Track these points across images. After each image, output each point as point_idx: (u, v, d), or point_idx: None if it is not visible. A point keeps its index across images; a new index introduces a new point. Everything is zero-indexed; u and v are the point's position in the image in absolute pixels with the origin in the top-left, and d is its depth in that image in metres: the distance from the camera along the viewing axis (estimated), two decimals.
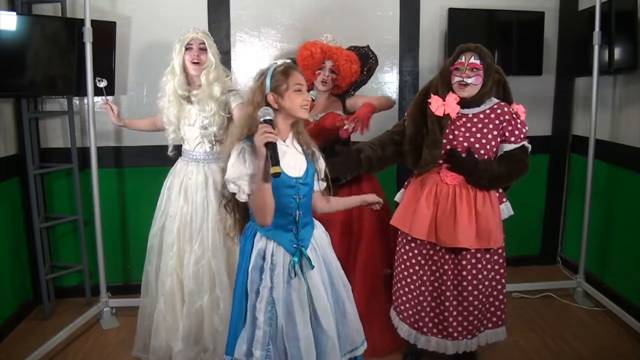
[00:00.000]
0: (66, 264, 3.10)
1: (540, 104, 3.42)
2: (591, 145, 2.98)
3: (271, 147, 1.56)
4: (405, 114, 2.31)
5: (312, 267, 1.69)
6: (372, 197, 1.96)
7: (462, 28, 3.08)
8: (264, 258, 1.69)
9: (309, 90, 1.85)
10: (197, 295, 2.30)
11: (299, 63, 2.59)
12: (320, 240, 1.78)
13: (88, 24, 2.58)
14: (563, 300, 3.05)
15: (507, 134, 2.12)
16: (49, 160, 2.98)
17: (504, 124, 2.12)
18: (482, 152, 2.11)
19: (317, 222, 1.82)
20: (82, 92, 2.70)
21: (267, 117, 1.61)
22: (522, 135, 2.14)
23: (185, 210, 2.33)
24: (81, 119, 3.01)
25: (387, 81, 3.24)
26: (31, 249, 2.95)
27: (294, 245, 1.70)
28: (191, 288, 2.29)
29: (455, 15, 3.10)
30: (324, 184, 1.82)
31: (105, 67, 2.80)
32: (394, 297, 2.35)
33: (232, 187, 1.67)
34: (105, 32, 2.76)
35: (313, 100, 2.12)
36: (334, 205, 1.91)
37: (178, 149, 2.48)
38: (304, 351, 1.66)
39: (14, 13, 2.56)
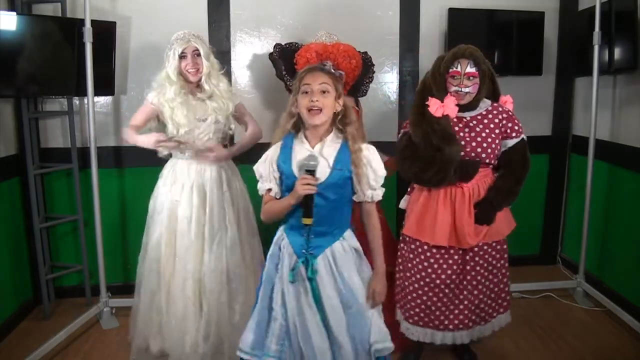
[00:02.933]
0: (66, 264, 3.10)
1: (540, 104, 3.42)
2: (591, 145, 2.98)
3: (308, 199, 1.59)
4: (404, 126, 2.25)
5: (312, 274, 1.65)
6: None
7: (462, 28, 3.09)
8: (280, 248, 1.74)
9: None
10: (217, 293, 2.30)
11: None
12: (339, 254, 1.69)
13: (88, 24, 2.58)
14: (563, 300, 3.05)
15: (508, 130, 2.15)
16: (49, 160, 2.98)
17: (504, 121, 2.14)
18: (488, 151, 2.11)
19: (348, 235, 1.74)
20: (82, 92, 2.70)
21: (310, 168, 1.59)
22: (520, 130, 2.17)
23: (202, 210, 2.31)
24: (81, 119, 3.01)
25: (387, 81, 3.23)
26: (31, 249, 2.95)
27: (303, 251, 1.68)
28: (211, 286, 2.29)
29: (455, 15, 3.10)
30: (372, 194, 1.69)
31: (105, 67, 2.81)
32: (399, 305, 2.31)
33: (257, 178, 1.76)
34: (105, 32, 2.76)
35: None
36: (370, 240, 1.77)
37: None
38: (319, 354, 1.65)
39: (14, 13, 2.56)
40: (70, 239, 3.12)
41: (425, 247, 2.18)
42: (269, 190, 1.72)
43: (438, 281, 2.18)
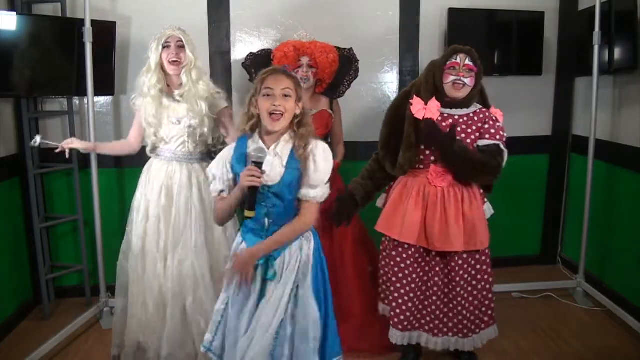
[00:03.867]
0: (66, 264, 3.11)
1: (540, 104, 3.42)
2: (591, 145, 2.98)
3: (252, 191, 1.58)
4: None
5: (273, 277, 1.66)
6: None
7: (462, 28, 3.09)
8: (236, 252, 1.74)
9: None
10: (180, 296, 2.27)
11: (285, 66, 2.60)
12: (295, 253, 1.69)
13: (88, 24, 2.58)
14: (563, 300, 3.05)
15: (482, 131, 2.12)
16: (49, 160, 2.97)
17: (485, 125, 2.13)
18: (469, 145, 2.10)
19: (305, 239, 1.72)
20: (82, 92, 2.70)
21: (259, 161, 1.59)
22: (497, 136, 2.12)
23: (168, 211, 2.29)
24: (81, 119, 3.01)
25: (387, 81, 3.23)
26: (31, 249, 2.95)
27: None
28: (175, 290, 2.26)
29: (455, 15, 3.10)
30: (307, 193, 1.66)
31: (105, 67, 2.81)
32: (383, 300, 2.32)
33: (209, 180, 1.76)
34: (105, 32, 2.77)
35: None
36: (281, 229, 1.69)
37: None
38: (240, 352, 1.67)
39: (14, 13, 2.56)
40: (70, 239, 3.12)
41: (397, 244, 2.18)
42: (221, 192, 1.71)
43: (414, 276, 2.18)
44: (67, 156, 2.36)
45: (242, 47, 3.09)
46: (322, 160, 1.66)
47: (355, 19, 3.10)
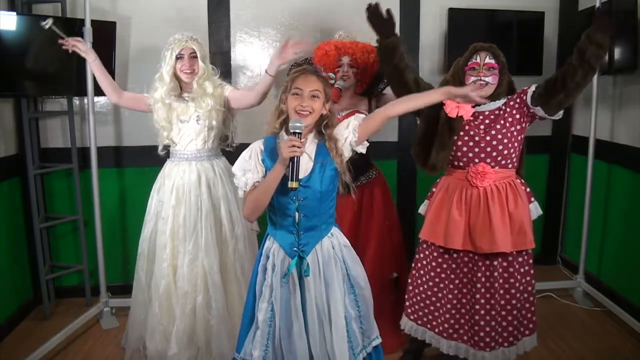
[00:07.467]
0: (66, 264, 3.11)
1: None
2: (591, 145, 2.98)
3: (295, 161, 1.57)
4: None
5: (307, 274, 1.65)
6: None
7: (462, 28, 3.09)
8: (268, 257, 1.72)
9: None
10: (191, 296, 2.28)
11: (316, 65, 2.59)
12: (327, 249, 1.71)
13: (88, 24, 2.58)
14: (563, 300, 3.05)
15: (519, 100, 2.09)
16: (49, 160, 2.98)
17: (517, 100, 2.09)
18: (506, 142, 2.06)
19: (336, 232, 1.76)
20: (82, 92, 2.70)
21: (297, 130, 1.59)
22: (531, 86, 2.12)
23: (178, 210, 2.31)
24: (81, 119, 3.01)
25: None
26: (31, 249, 2.95)
27: (294, 249, 1.68)
28: (185, 289, 2.28)
29: (455, 15, 3.10)
30: (358, 120, 1.75)
31: (105, 67, 2.79)
32: (412, 309, 2.25)
33: (235, 181, 1.72)
34: (105, 32, 2.77)
35: (341, 90, 2.22)
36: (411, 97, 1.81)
37: (167, 149, 2.45)
38: (300, 358, 1.66)
39: (14, 13, 2.56)
40: (70, 239, 3.12)
41: (442, 250, 2.13)
42: (256, 182, 1.68)
43: (457, 282, 2.13)
44: (70, 51, 2.32)
45: (242, 47, 3.09)
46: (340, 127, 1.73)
47: (355, 18, 3.09)
